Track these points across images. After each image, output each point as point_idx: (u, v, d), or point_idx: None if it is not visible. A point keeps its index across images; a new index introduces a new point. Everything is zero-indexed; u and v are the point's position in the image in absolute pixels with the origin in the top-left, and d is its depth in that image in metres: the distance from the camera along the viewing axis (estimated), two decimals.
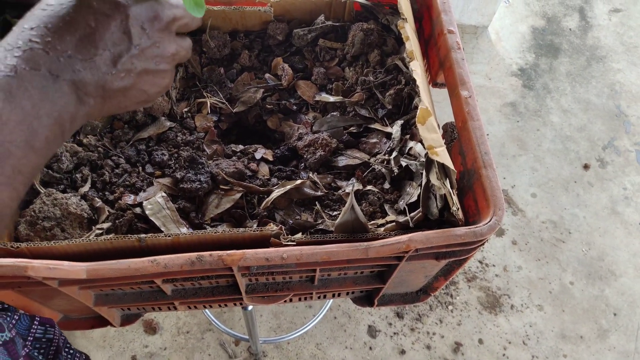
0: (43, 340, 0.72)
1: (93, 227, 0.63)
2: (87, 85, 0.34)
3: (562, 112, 2.08)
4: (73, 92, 0.33)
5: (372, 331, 1.60)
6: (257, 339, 1.27)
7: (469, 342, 1.60)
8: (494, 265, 1.74)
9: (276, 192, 0.66)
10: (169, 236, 0.59)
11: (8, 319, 0.66)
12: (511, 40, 2.27)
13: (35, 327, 0.71)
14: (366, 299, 0.84)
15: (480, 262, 1.75)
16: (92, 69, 0.34)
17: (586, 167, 1.95)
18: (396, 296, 0.84)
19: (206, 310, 1.41)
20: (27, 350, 0.68)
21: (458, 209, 0.59)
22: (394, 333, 1.60)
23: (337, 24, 0.81)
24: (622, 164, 1.97)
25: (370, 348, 1.57)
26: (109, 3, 0.35)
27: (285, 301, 0.76)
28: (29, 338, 0.70)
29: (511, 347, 1.60)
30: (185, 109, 0.76)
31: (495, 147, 1.97)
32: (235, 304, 0.79)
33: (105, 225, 0.63)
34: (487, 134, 2.00)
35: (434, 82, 0.81)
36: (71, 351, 0.79)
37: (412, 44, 0.69)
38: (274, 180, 0.69)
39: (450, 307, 1.66)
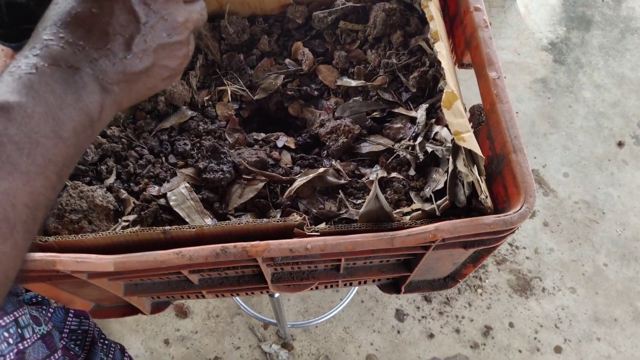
0: (79, 332, 0.74)
1: (119, 219, 0.63)
2: (107, 73, 0.35)
3: (595, 88, 2.00)
4: (95, 81, 0.34)
5: (399, 315, 1.59)
6: (285, 323, 1.28)
7: (499, 325, 1.58)
8: (524, 248, 1.71)
9: (299, 181, 0.65)
10: (194, 228, 0.59)
11: (43, 312, 0.68)
12: (541, 12, 2.18)
13: (70, 319, 0.73)
14: (393, 286, 0.83)
15: (510, 244, 1.71)
16: (108, 56, 0.35)
17: (620, 144, 1.88)
18: (423, 283, 0.83)
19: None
20: (64, 343, 0.70)
21: (487, 197, 0.57)
22: (422, 317, 1.59)
23: (358, 4, 0.78)
24: None
25: (399, 332, 1.56)
26: None
27: (311, 289, 0.75)
28: (64, 330, 0.72)
29: (543, 330, 1.58)
30: (206, 98, 0.75)
31: (525, 125, 1.92)
32: (261, 292, 0.79)
33: (131, 217, 0.64)
34: (517, 112, 1.94)
35: (460, 63, 0.78)
36: (106, 342, 0.81)
37: (436, 24, 0.66)
38: (297, 168, 0.69)
39: (479, 291, 1.64)
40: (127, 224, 0.63)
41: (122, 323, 1.56)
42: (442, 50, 0.63)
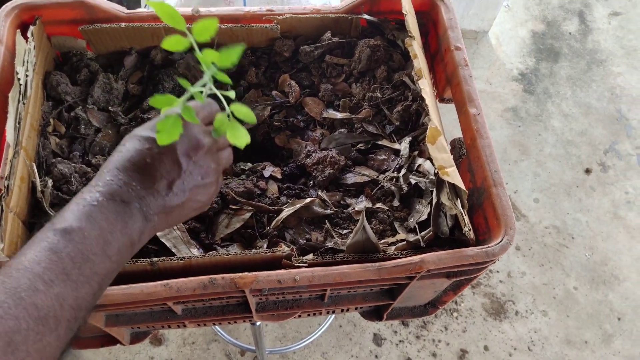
0: None
1: None
2: (150, 206, 0.44)
3: (563, 117, 2.08)
4: (140, 213, 0.43)
5: (377, 339, 1.60)
6: (264, 350, 1.27)
7: (475, 349, 1.60)
8: (498, 271, 1.74)
9: (286, 212, 0.66)
10: (181, 259, 0.59)
11: None
12: (511, 44, 2.27)
13: None
14: (375, 313, 0.84)
15: None
16: (154, 194, 0.44)
17: (588, 171, 1.95)
18: (405, 310, 0.84)
19: None
20: None
21: (470, 230, 0.59)
22: (400, 341, 1.60)
23: (344, 40, 0.81)
24: (624, 167, 1.97)
25: (376, 356, 1.57)
26: None
27: (294, 317, 0.76)
28: None
29: (517, 353, 1.61)
30: None
31: (497, 152, 1.96)
32: (244, 321, 0.79)
33: None
34: None
35: (440, 98, 0.81)
36: None
37: (419, 62, 0.69)
38: (283, 198, 0.70)
39: (455, 314, 1.66)
40: None
41: (95, 351, 1.52)
42: (426, 87, 0.66)
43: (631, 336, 1.64)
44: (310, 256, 0.61)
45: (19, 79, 0.68)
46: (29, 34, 0.71)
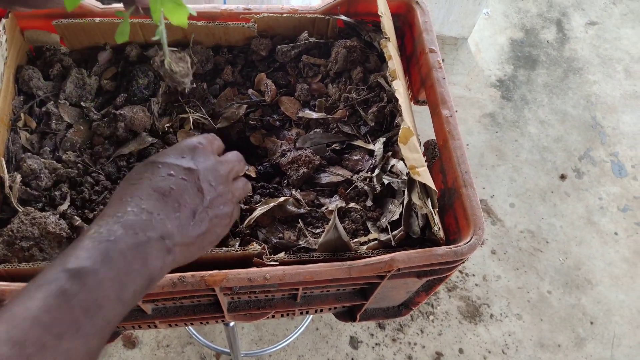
0: None
1: None
2: (173, 236, 0.41)
3: (540, 123, 2.12)
4: (162, 246, 0.40)
5: (354, 342, 1.60)
6: (239, 352, 1.26)
7: (450, 352, 1.61)
8: (473, 275, 1.76)
9: (259, 210, 0.66)
10: None
11: None
12: (490, 51, 2.31)
13: None
14: (348, 314, 0.84)
15: (460, 271, 1.76)
16: (177, 224, 0.41)
17: (563, 177, 1.99)
18: (378, 311, 0.85)
19: None
20: None
21: (439, 229, 0.60)
22: (376, 344, 1.60)
23: (321, 40, 0.81)
24: (598, 174, 2.01)
25: (352, 359, 1.57)
26: (184, 170, 0.44)
27: (267, 317, 0.75)
28: None
29: (491, 356, 1.62)
30: (168, 125, 0.75)
31: (474, 157, 2.00)
32: (217, 321, 0.79)
33: None
34: (467, 145, 2.02)
35: (415, 100, 0.82)
36: None
37: (394, 63, 0.69)
38: (257, 197, 0.69)
39: (431, 317, 1.67)
40: None
41: None
42: (400, 88, 0.66)
43: (603, 340, 1.67)
44: (281, 255, 0.61)
45: None
46: (0, 27, 0.70)
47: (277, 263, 0.59)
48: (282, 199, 0.68)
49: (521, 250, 1.82)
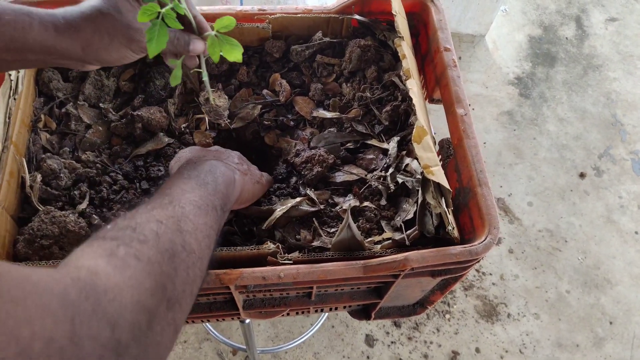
0: None
1: None
2: (230, 165, 0.62)
3: (559, 121, 2.09)
4: (225, 165, 0.60)
5: (369, 340, 1.60)
6: (255, 349, 1.27)
7: (466, 351, 1.61)
8: (490, 274, 1.75)
9: (279, 211, 0.66)
10: None
11: None
12: (508, 49, 2.28)
13: None
14: (363, 312, 0.84)
15: (477, 270, 1.75)
16: (228, 161, 0.64)
17: (582, 175, 1.96)
18: (393, 309, 0.85)
19: None
20: None
21: (453, 228, 0.60)
22: (392, 342, 1.60)
23: (335, 40, 0.81)
24: (618, 172, 1.98)
25: (368, 357, 1.57)
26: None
27: (282, 315, 0.76)
28: None
29: (508, 356, 1.61)
30: (184, 125, 0.76)
31: (491, 155, 1.98)
32: (232, 318, 0.80)
33: None
34: (484, 143, 2.01)
35: (430, 98, 0.81)
36: None
37: (408, 62, 0.69)
38: (274, 198, 0.70)
39: (447, 316, 1.66)
40: None
41: None
42: (414, 87, 0.66)
43: (622, 340, 1.65)
44: (295, 254, 0.61)
45: (9, 75, 0.68)
46: None
47: (291, 262, 0.59)
48: (298, 199, 0.68)
49: (539, 249, 1.80)
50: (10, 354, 0.25)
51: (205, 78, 0.61)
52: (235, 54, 0.56)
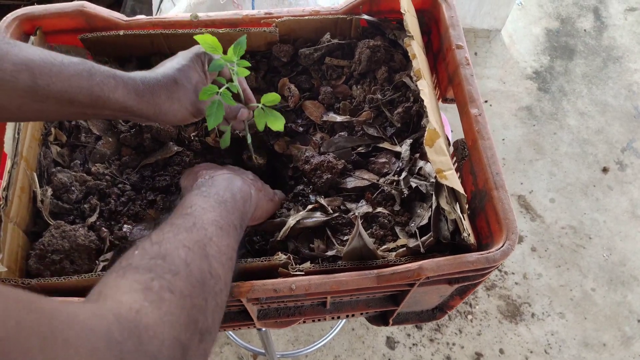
0: None
1: (99, 258, 0.62)
2: (246, 179, 0.61)
3: (579, 115, 2.04)
4: (242, 180, 0.59)
5: (390, 343, 1.58)
6: (274, 354, 1.26)
7: (490, 352, 1.57)
8: (513, 273, 1.71)
9: (292, 219, 0.65)
10: None
11: None
12: (525, 43, 2.23)
13: None
14: (381, 318, 0.83)
15: (499, 270, 1.72)
16: (243, 177, 0.62)
17: (605, 170, 1.91)
18: (411, 314, 0.83)
19: None
20: None
21: (469, 234, 0.57)
22: (413, 344, 1.58)
23: (344, 41, 0.80)
24: None
25: None
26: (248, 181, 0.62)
27: (298, 323, 0.75)
28: None
29: (533, 356, 1.57)
30: (193, 134, 0.76)
31: (511, 152, 1.94)
32: (248, 327, 0.79)
33: (109, 255, 0.63)
34: (503, 139, 1.97)
35: (443, 98, 0.79)
36: None
37: (419, 62, 0.67)
38: (285, 211, 0.69)
39: (469, 317, 1.63)
40: (106, 262, 0.62)
41: None
42: (425, 88, 0.64)
43: None
44: (307, 264, 0.60)
45: None
46: (30, 44, 0.72)
47: (302, 273, 0.58)
48: (310, 207, 0.67)
49: (563, 246, 1.76)
50: None
51: (249, 141, 0.71)
52: (278, 125, 0.67)
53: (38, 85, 0.50)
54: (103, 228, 0.64)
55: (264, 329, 1.02)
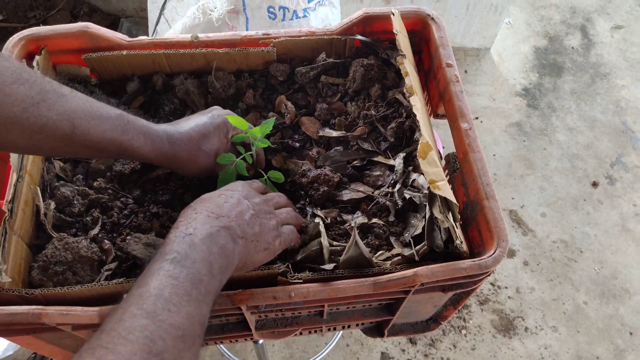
0: None
1: (102, 268, 0.64)
2: (236, 230, 0.55)
3: (568, 131, 2.08)
4: (227, 233, 0.53)
5: (385, 358, 1.59)
6: None
7: None
8: (506, 287, 1.73)
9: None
10: None
11: None
12: (514, 60, 2.29)
13: None
14: (376, 330, 0.84)
15: (492, 284, 1.73)
16: (237, 222, 0.56)
17: (595, 184, 1.94)
18: (406, 326, 0.84)
19: None
20: None
21: (462, 242, 0.60)
22: None
23: (338, 60, 0.83)
24: (631, 180, 1.96)
25: None
26: (231, 192, 0.60)
27: (295, 334, 0.76)
28: None
29: None
30: None
31: (502, 167, 1.98)
32: (245, 339, 0.80)
33: (113, 266, 0.65)
34: (494, 155, 2.00)
35: (435, 114, 0.82)
36: None
37: (411, 79, 0.70)
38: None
39: (463, 332, 1.64)
40: (109, 272, 0.64)
41: None
42: (417, 103, 0.67)
43: None
44: (306, 273, 0.62)
45: None
46: (34, 64, 0.74)
47: (301, 281, 0.60)
48: (307, 219, 0.69)
49: (555, 260, 1.78)
50: None
51: None
52: (277, 176, 0.72)
53: (75, 134, 0.56)
54: (105, 240, 0.66)
55: (260, 342, 1.03)
